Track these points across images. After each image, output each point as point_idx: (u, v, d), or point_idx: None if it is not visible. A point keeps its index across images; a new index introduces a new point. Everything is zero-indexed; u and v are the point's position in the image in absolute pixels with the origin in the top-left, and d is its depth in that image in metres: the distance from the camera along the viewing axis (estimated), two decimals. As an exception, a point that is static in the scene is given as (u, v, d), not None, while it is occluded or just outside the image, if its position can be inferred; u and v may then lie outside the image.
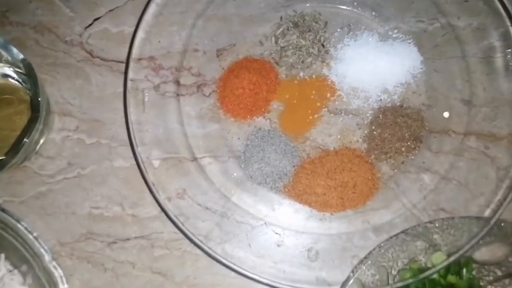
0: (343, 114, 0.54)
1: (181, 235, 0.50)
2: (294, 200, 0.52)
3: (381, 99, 0.54)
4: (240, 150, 0.53)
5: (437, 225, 0.48)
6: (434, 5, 0.54)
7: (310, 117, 0.54)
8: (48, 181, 0.53)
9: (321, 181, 0.51)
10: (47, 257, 0.45)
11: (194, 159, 0.53)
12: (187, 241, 0.50)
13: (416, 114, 0.53)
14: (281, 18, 0.56)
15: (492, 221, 0.47)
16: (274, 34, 0.55)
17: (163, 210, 0.50)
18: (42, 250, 0.45)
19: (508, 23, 0.51)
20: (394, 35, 0.55)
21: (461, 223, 0.48)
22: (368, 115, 0.54)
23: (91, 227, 0.53)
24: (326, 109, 0.54)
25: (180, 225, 0.49)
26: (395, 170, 0.52)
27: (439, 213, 0.51)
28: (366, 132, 0.53)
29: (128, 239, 0.52)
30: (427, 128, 0.53)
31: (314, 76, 0.55)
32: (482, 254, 0.49)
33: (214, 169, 0.53)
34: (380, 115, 0.53)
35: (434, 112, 0.54)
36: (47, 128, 0.53)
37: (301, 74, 0.55)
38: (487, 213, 0.49)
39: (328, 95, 0.54)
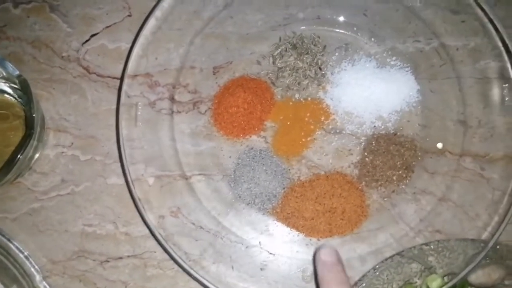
0: (336, 138, 0.54)
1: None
2: (281, 223, 0.52)
3: (375, 126, 0.54)
4: (231, 169, 0.53)
5: (432, 247, 0.48)
6: (431, 25, 0.54)
7: (303, 140, 0.54)
8: (41, 197, 0.53)
9: (309, 206, 0.51)
10: (37, 277, 0.45)
11: (189, 177, 0.53)
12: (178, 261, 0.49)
13: (410, 143, 0.53)
14: (280, 38, 0.56)
15: (490, 244, 0.46)
16: (272, 54, 0.55)
17: (150, 231, 0.49)
18: (33, 269, 0.45)
19: (501, 45, 0.51)
20: (392, 62, 0.55)
21: (456, 245, 0.48)
22: (361, 141, 0.54)
23: (84, 245, 0.52)
24: (319, 132, 0.54)
25: (169, 249, 0.48)
26: (385, 199, 0.52)
27: (435, 235, 0.50)
28: (358, 158, 0.53)
29: (120, 258, 0.52)
30: (419, 158, 0.52)
31: (309, 99, 0.55)
32: (477, 276, 0.48)
33: (208, 188, 0.53)
34: (373, 142, 0.53)
35: (430, 132, 0.53)
36: (41, 144, 0.53)
37: (297, 95, 0.55)
38: (483, 235, 0.49)
39: (322, 118, 0.54)
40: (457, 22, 0.54)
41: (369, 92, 0.54)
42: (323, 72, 0.55)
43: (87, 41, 0.56)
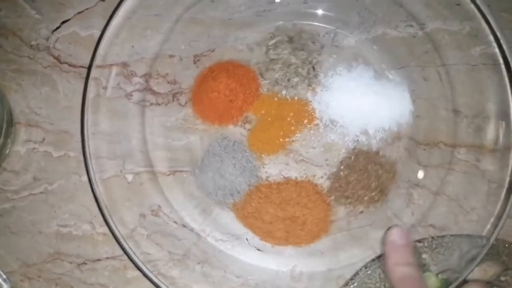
0: (315, 145, 0.51)
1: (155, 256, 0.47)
2: (239, 221, 0.49)
3: (358, 140, 0.50)
4: (201, 156, 0.50)
5: (426, 244, 0.46)
6: (424, 9, 0.51)
7: (281, 139, 0.51)
8: (13, 197, 0.50)
9: (271, 209, 0.48)
10: (5, 287, 0.42)
11: (170, 173, 0.50)
12: (161, 262, 0.47)
13: (390, 166, 0.49)
14: (276, 28, 0.52)
15: (491, 241, 0.44)
16: (266, 44, 0.52)
17: (118, 243, 0.46)
18: (0, 279, 0.42)
19: (497, 30, 0.49)
20: (390, 76, 0.51)
21: (451, 241, 0.46)
22: (340, 153, 0.50)
23: (59, 247, 0.49)
24: (299, 135, 0.51)
25: (138, 261, 0.45)
26: (351, 218, 0.49)
27: (429, 230, 0.48)
28: (333, 170, 0.50)
29: (99, 260, 0.49)
30: (397, 183, 0.49)
31: (296, 98, 0.51)
32: (473, 273, 0.46)
33: (191, 185, 0.50)
34: (352, 157, 0.50)
35: (423, 123, 0.51)
36: (10, 140, 0.50)
37: (284, 92, 0.51)
38: (478, 230, 0.47)
39: (305, 121, 0.51)
40: (452, 5, 0.51)
41: (359, 103, 0.50)
42: (316, 72, 0.51)
43: (57, 28, 0.52)
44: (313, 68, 0.51)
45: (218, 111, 0.50)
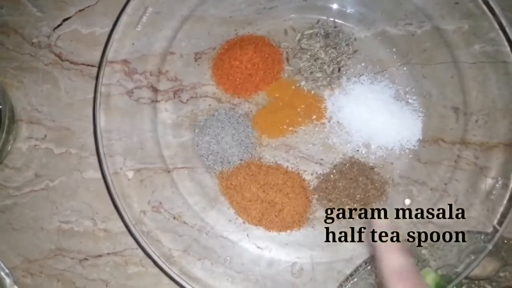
0: (316, 142, 0.51)
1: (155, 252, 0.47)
2: (220, 191, 0.50)
3: (358, 150, 0.50)
4: (204, 118, 0.51)
5: (425, 240, 0.46)
6: (423, 7, 0.51)
7: (284, 127, 0.51)
8: (15, 193, 0.50)
9: (254, 188, 0.49)
10: (8, 281, 0.42)
11: (171, 170, 0.50)
12: (162, 258, 0.47)
13: (381, 184, 0.49)
14: (318, 21, 0.53)
15: (495, 239, 0.44)
16: (302, 32, 0.52)
17: (129, 230, 0.46)
18: (2, 273, 0.42)
19: (498, 27, 0.49)
20: (410, 100, 0.51)
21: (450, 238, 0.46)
22: (337, 156, 0.51)
23: (61, 243, 0.50)
24: (303, 127, 0.51)
25: (148, 249, 0.46)
26: (327, 221, 0.49)
27: (428, 226, 0.49)
28: (325, 171, 0.50)
29: (100, 256, 0.49)
30: (381, 202, 0.49)
31: (312, 92, 0.52)
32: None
33: (191, 181, 0.50)
34: (347, 164, 0.50)
35: (423, 120, 0.51)
36: (12, 137, 0.50)
37: (303, 83, 0.52)
38: (477, 226, 0.47)
39: (314, 117, 0.51)
40: (451, 3, 0.51)
41: (371, 117, 0.50)
42: (340, 74, 0.52)
43: (59, 26, 0.53)
44: (339, 69, 0.52)
45: (235, 81, 0.51)
